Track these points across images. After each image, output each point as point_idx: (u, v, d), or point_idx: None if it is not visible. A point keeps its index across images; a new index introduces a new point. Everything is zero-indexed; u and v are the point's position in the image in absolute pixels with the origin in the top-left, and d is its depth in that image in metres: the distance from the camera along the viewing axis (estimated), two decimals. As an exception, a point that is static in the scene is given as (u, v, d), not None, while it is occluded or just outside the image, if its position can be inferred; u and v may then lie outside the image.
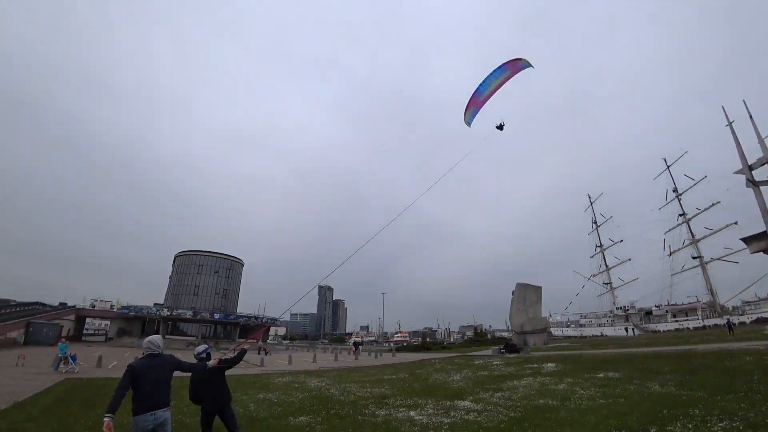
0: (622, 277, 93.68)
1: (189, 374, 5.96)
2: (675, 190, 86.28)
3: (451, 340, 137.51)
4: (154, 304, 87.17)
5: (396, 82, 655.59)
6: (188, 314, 75.60)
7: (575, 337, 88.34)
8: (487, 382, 14.60)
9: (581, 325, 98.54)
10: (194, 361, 6.23)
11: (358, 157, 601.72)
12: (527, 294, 50.74)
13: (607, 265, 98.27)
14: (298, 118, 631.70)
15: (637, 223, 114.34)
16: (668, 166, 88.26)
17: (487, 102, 16.94)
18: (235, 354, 6.60)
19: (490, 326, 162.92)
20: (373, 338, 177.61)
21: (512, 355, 31.15)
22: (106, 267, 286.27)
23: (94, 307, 78.05)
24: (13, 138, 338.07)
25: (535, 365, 19.70)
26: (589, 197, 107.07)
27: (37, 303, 69.46)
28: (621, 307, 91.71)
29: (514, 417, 8.43)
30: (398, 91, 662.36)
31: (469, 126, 17.00)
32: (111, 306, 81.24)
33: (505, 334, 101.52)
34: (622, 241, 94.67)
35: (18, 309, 60.43)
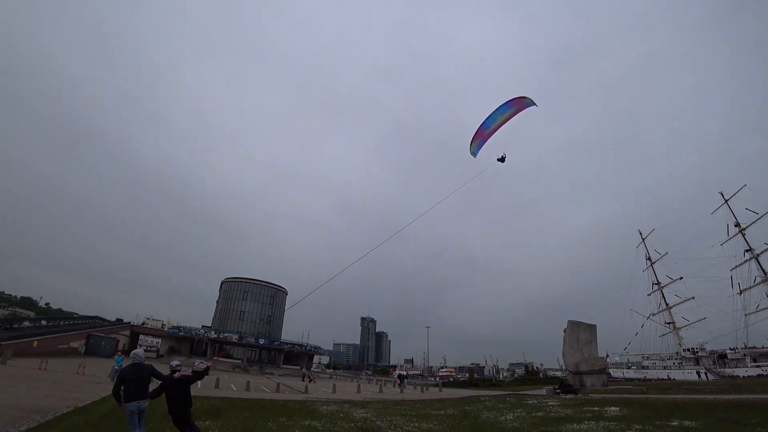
0: (687, 316, 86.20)
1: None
2: (737, 225, 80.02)
3: (500, 377, 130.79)
4: (202, 326, 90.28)
5: (434, 122, 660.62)
6: (234, 338, 77.44)
7: (637, 379, 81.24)
8: (544, 424, 13.55)
9: (644, 367, 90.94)
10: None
11: (398, 193, 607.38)
12: (580, 332, 47.76)
13: (667, 304, 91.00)
14: (339, 155, 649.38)
15: (695, 260, 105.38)
16: (726, 200, 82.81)
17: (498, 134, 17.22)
18: (200, 371, 8.26)
19: (541, 365, 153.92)
20: (417, 372, 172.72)
21: (569, 396, 29.00)
22: (159, 288, 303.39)
23: (146, 324, 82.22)
24: (76, 166, 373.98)
25: (596, 408, 18.12)
26: (641, 233, 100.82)
27: (96, 317, 74.17)
28: (689, 349, 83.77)
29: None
30: (436, 129, 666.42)
31: (475, 156, 17.44)
32: (162, 325, 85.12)
33: (558, 374, 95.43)
34: (681, 278, 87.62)
35: (80, 322, 65.06)
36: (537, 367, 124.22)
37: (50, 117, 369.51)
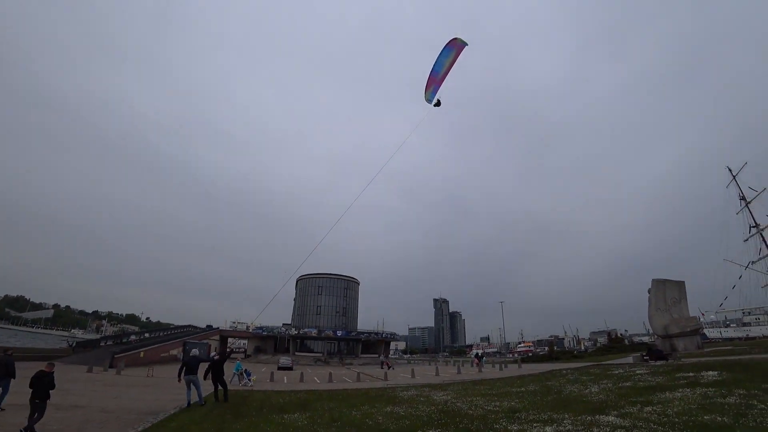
0: (795, 261, 76.60)
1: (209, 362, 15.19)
2: None
3: (582, 347, 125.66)
4: (283, 324, 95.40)
5: (484, 84, 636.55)
6: (313, 332, 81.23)
7: (739, 338, 74.49)
8: (633, 395, 12.94)
9: (745, 324, 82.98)
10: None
11: (459, 168, 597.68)
12: (667, 291, 44.17)
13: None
14: (394, 139, 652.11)
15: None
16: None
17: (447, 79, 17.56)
18: (220, 356, 15.64)
19: (626, 331, 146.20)
20: (495, 349, 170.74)
21: (658, 363, 27.31)
22: (243, 293, 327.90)
23: (234, 328, 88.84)
24: (160, 192, 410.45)
25: (691, 374, 16.93)
26: (730, 170, 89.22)
27: (189, 326, 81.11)
28: (800, 298, 74.81)
29: (674, 435, 7.26)
30: (489, 92, 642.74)
31: (430, 103, 17.88)
32: (247, 327, 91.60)
33: (645, 339, 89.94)
34: (786, 215, 77.65)
35: (176, 331, 71.66)
36: (621, 334, 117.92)
37: (130, 151, 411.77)
